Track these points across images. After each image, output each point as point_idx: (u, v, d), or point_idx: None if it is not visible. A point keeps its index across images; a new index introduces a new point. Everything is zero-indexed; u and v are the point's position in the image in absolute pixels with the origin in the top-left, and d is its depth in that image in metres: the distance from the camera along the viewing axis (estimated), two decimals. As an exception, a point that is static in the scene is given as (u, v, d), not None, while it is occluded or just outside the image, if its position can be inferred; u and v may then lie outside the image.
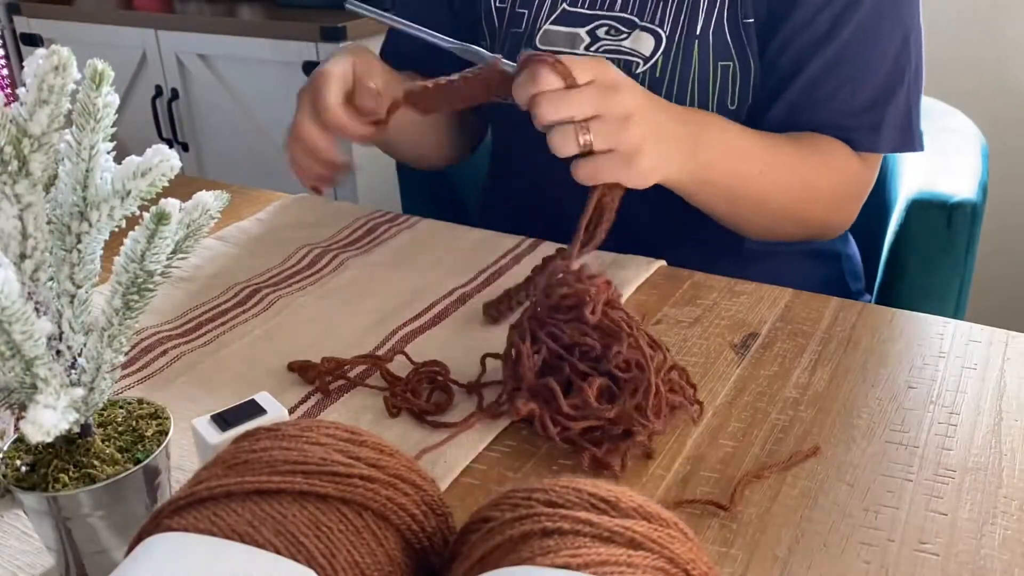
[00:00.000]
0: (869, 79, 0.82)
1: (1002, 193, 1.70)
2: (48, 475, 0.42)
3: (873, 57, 0.82)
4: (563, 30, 0.90)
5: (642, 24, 0.86)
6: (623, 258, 0.79)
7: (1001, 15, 1.76)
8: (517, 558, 0.33)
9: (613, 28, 0.87)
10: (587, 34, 0.88)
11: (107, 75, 0.40)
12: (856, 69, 0.82)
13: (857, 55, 0.82)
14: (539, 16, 0.91)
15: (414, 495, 0.38)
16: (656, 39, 0.84)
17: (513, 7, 0.94)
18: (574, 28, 0.89)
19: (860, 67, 0.82)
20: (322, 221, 0.91)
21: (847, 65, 0.82)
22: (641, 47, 0.85)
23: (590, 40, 0.88)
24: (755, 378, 0.62)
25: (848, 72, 0.82)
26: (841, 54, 0.82)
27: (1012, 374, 0.61)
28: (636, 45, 0.85)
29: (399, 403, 0.59)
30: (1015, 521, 0.48)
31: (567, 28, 0.89)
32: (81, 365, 0.43)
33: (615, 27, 0.87)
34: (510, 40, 0.93)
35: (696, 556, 0.34)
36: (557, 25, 0.90)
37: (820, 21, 0.82)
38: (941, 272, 0.90)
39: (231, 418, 0.48)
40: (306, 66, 1.86)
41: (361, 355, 0.65)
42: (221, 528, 0.35)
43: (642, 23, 0.86)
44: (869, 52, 0.82)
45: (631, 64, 0.85)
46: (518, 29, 0.93)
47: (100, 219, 0.42)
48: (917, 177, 0.95)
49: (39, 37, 2.32)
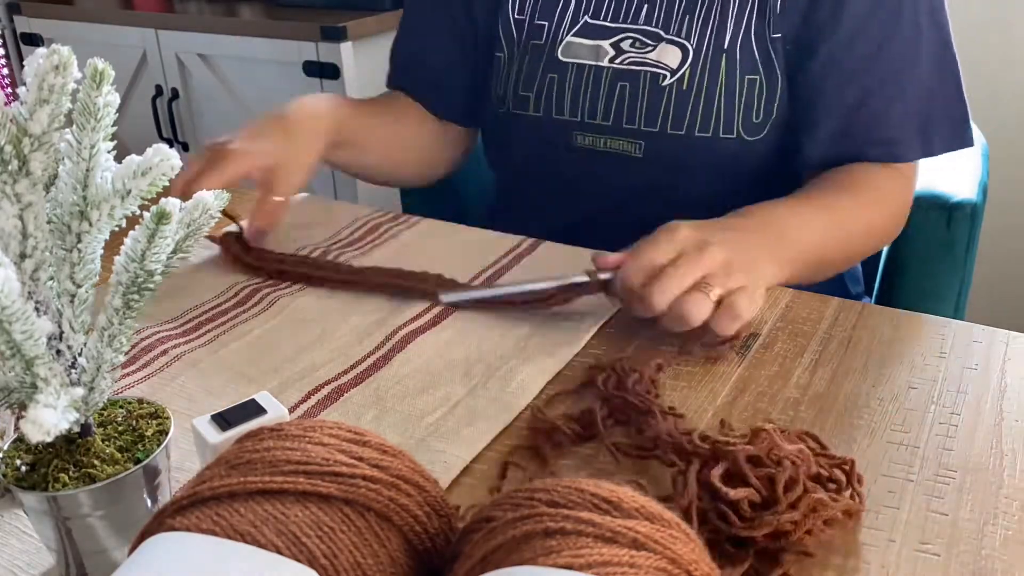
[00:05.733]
0: (915, 93, 0.83)
1: (1002, 193, 1.70)
2: (48, 475, 0.42)
3: (918, 71, 0.83)
4: (586, 42, 0.89)
5: (668, 37, 0.85)
6: (623, 258, 0.79)
7: (1001, 15, 1.76)
8: (519, 558, 0.33)
9: (638, 41, 0.86)
10: (611, 47, 0.88)
11: (107, 74, 0.40)
12: (902, 82, 0.83)
13: (902, 68, 0.82)
14: (560, 28, 0.91)
15: (417, 496, 0.38)
16: (683, 52, 0.84)
17: (532, 19, 0.93)
18: (597, 41, 0.89)
19: (905, 79, 0.83)
20: (322, 221, 0.91)
21: (893, 79, 0.83)
22: (668, 60, 0.85)
23: (615, 52, 0.87)
24: (756, 378, 0.62)
25: (895, 86, 0.83)
26: (886, 69, 0.82)
27: (1013, 374, 0.61)
28: (662, 58, 0.85)
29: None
30: (1016, 521, 0.48)
31: (590, 40, 0.89)
32: (81, 365, 0.43)
33: (640, 40, 0.86)
34: (531, 53, 0.93)
35: (698, 557, 0.34)
36: (579, 38, 0.90)
37: (861, 44, 0.82)
38: (941, 272, 0.90)
39: (231, 418, 0.48)
40: (306, 66, 1.86)
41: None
42: (223, 528, 0.35)
43: (668, 36, 0.86)
44: (914, 63, 0.83)
45: (658, 76, 0.85)
46: (538, 41, 0.92)
47: (100, 218, 0.41)
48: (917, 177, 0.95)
49: (39, 37, 2.32)
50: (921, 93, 0.83)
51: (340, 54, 1.80)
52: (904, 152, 0.84)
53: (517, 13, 0.94)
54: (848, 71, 0.83)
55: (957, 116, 0.85)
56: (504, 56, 0.95)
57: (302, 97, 0.92)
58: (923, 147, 0.84)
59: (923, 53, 0.83)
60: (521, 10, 0.93)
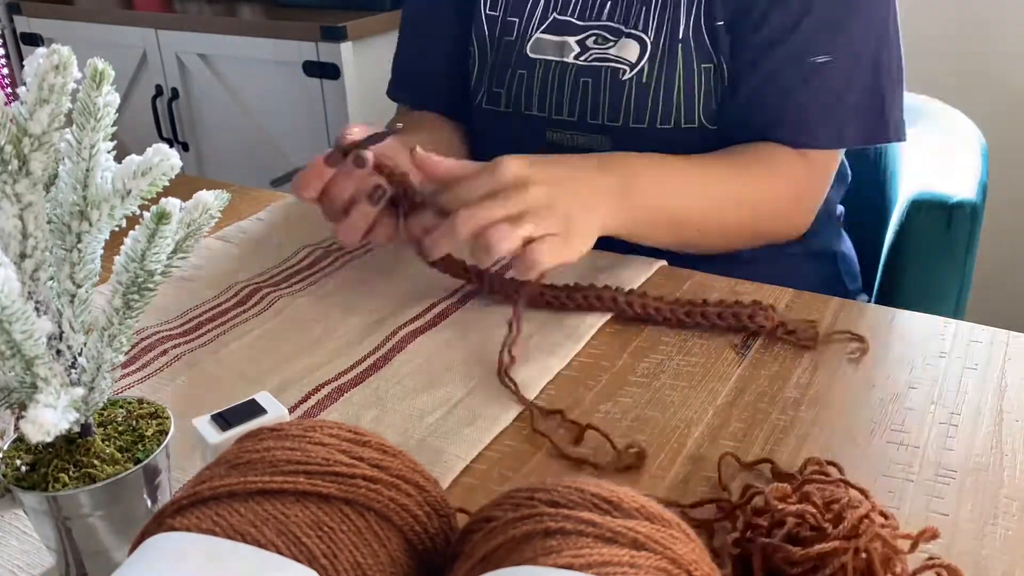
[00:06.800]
0: (831, 77, 0.82)
1: (1002, 193, 1.70)
2: (48, 475, 0.42)
3: (837, 56, 0.82)
4: (553, 39, 0.90)
5: (627, 31, 0.86)
6: (624, 258, 0.79)
7: (1002, 15, 1.76)
8: (520, 558, 0.33)
9: (601, 37, 0.87)
10: (577, 43, 0.88)
11: (107, 74, 0.40)
12: (814, 68, 0.82)
13: (814, 53, 0.82)
14: (530, 24, 0.91)
15: (417, 496, 0.38)
16: (641, 45, 0.85)
17: (505, 15, 0.94)
18: (564, 37, 0.89)
19: (820, 66, 0.82)
20: (322, 221, 0.90)
21: (803, 64, 0.82)
22: (627, 54, 0.85)
23: (580, 50, 0.88)
24: (756, 378, 0.62)
25: (806, 71, 0.82)
26: (798, 53, 0.82)
27: (1013, 374, 0.61)
28: (622, 52, 0.86)
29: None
30: (1016, 522, 0.48)
31: (557, 37, 0.90)
32: (81, 365, 0.43)
33: (603, 36, 0.87)
34: (503, 48, 0.93)
35: (698, 557, 0.34)
36: (548, 34, 0.90)
37: (775, 18, 0.82)
38: (941, 272, 0.90)
39: (231, 418, 0.48)
40: (306, 66, 1.86)
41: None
42: (223, 528, 0.35)
43: (627, 30, 0.86)
44: (829, 51, 0.82)
45: (619, 71, 0.85)
46: (510, 37, 0.93)
47: (100, 218, 0.41)
48: (917, 177, 0.95)
49: (39, 36, 2.32)
50: (838, 79, 0.82)
51: (340, 54, 1.80)
52: (812, 138, 0.83)
53: (489, 9, 0.94)
54: (759, 46, 0.82)
55: (877, 107, 0.84)
56: (476, 52, 0.96)
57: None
58: (836, 136, 0.84)
59: (847, 40, 0.82)
60: (494, 6, 0.94)
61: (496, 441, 0.56)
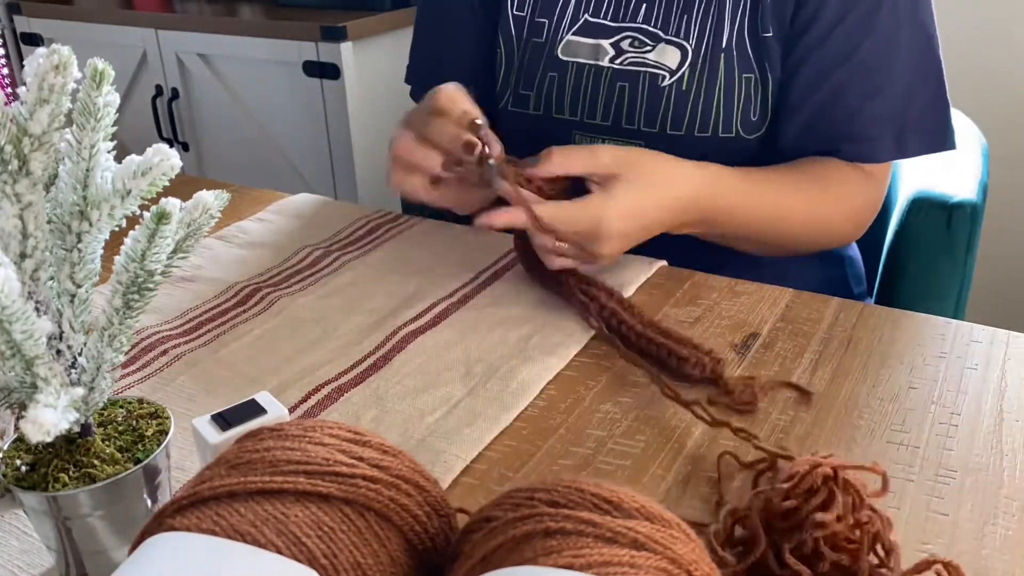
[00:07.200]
0: (892, 92, 0.83)
1: (1002, 193, 1.70)
2: (48, 475, 0.42)
3: (896, 70, 0.83)
4: (586, 41, 0.89)
5: (667, 37, 0.85)
6: (624, 258, 0.79)
7: (1002, 16, 1.76)
8: (520, 558, 0.33)
9: (637, 40, 0.86)
10: (611, 46, 0.88)
11: (107, 74, 0.40)
12: (877, 80, 0.83)
13: (878, 66, 0.82)
14: (560, 26, 0.91)
15: (417, 496, 0.38)
16: (682, 52, 0.85)
17: (533, 16, 0.93)
18: (598, 40, 0.89)
19: (881, 78, 0.83)
20: (322, 221, 0.91)
21: (868, 77, 0.82)
22: (667, 60, 0.85)
23: (615, 52, 0.87)
24: (755, 378, 0.62)
25: (870, 84, 0.83)
26: (861, 66, 0.82)
27: (1013, 374, 0.61)
28: (661, 58, 0.85)
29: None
30: (1016, 522, 0.48)
31: (590, 39, 0.89)
32: (81, 365, 0.43)
33: (639, 39, 0.86)
34: (531, 50, 0.93)
35: (698, 557, 0.34)
36: (580, 36, 0.90)
37: (838, 35, 0.82)
38: (941, 272, 0.90)
39: (231, 418, 0.48)
40: (306, 66, 1.86)
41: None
42: (223, 528, 0.35)
43: (667, 36, 0.86)
44: (890, 62, 0.82)
45: (658, 77, 0.85)
46: (538, 39, 0.92)
47: (100, 218, 0.41)
48: (917, 177, 0.95)
49: (39, 36, 2.32)
50: (898, 93, 0.83)
51: (340, 54, 1.80)
52: (875, 152, 0.84)
53: (516, 9, 0.93)
54: (821, 65, 0.83)
55: (936, 118, 0.85)
56: (503, 53, 0.95)
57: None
58: (897, 148, 0.84)
59: (902, 53, 0.82)
60: (521, 7, 0.93)
61: (496, 441, 0.56)
